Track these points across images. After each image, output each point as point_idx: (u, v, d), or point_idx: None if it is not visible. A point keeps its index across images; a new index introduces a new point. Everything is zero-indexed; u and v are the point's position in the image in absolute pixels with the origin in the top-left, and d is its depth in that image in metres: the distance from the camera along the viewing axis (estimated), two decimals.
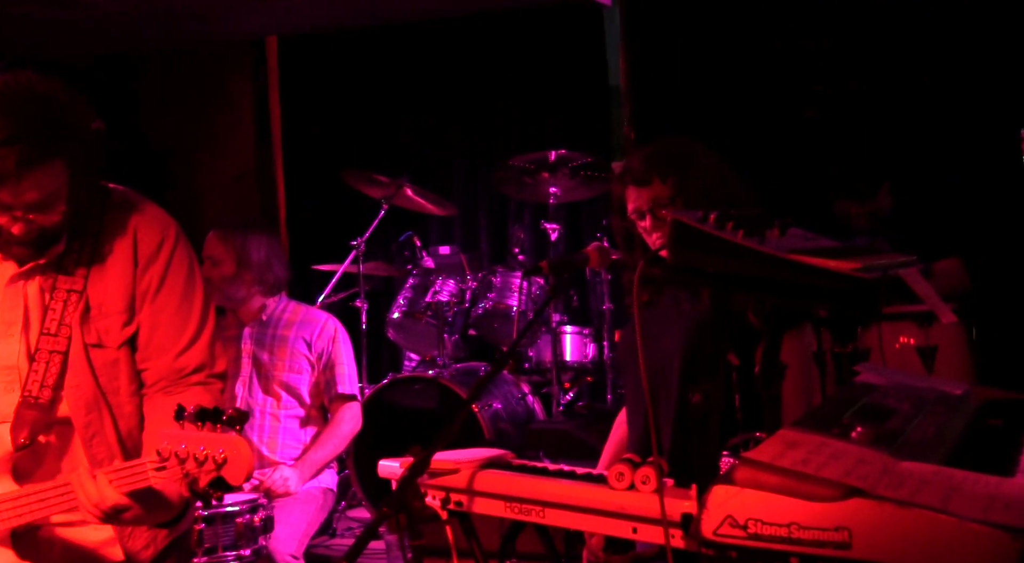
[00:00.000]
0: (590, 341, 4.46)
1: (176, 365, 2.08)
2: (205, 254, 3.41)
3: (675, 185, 2.36)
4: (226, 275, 3.40)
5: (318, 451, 3.40)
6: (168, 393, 2.07)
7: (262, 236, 3.47)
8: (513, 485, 2.06)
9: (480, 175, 5.81)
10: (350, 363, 3.54)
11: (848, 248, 1.80)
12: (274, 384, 3.44)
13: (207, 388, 2.12)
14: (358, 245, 4.55)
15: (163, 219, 2.14)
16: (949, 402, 1.95)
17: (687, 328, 2.46)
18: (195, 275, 2.15)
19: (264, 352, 3.46)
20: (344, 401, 3.50)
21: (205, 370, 2.13)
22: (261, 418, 3.43)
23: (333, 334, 3.52)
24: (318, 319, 3.54)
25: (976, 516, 1.27)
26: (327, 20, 5.70)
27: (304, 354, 3.47)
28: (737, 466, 1.41)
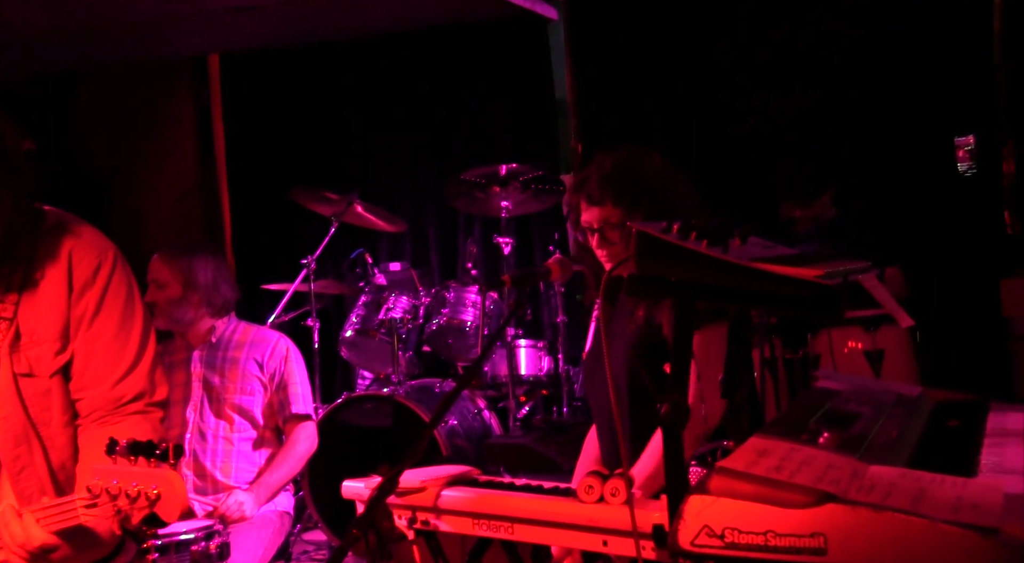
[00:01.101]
0: (545, 354, 4.47)
1: (113, 394, 2.02)
2: (150, 278, 3.35)
3: (627, 209, 2.38)
4: (172, 298, 3.34)
5: (273, 473, 3.35)
6: (104, 424, 2.00)
7: (208, 257, 3.41)
8: (480, 502, 2.05)
9: (429, 190, 5.80)
10: (303, 382, 3.48)
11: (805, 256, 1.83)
12: (226, 407, 3.38)
13: (146, 417, 2.06)
14: (309, 263, 4.50)
15: (100, 243, 2.07)
16: (906, 405, 1.99)
17: (628, 344, 2.50)
18: (134, 300, 2.09)
19: (215, 375, 3.40)
20: (298, 421, 3.45)
21: (144, 398, 2.07)
22: (214, 442, 3.36)
23: (285, 353, 3.47)
24: (269, 339, 3.49)
25: (947, 517, 1.29)
26: (270, 38, 5.65)
27: (256, 375, 3.42)
28: (712, 475, 1.42)
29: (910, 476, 1.45)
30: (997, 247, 4.60)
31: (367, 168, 5.91)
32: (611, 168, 2.43)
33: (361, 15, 5.17)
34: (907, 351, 3.88)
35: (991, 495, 1.37)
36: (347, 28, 5.45)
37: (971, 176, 4.63)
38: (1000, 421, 1.95)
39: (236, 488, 3.28)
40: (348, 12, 5.05)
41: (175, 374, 3.41)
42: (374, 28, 5.53)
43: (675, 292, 1.68)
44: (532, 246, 5.48)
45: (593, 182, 2.44)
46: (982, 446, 1.74)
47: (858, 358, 3.78)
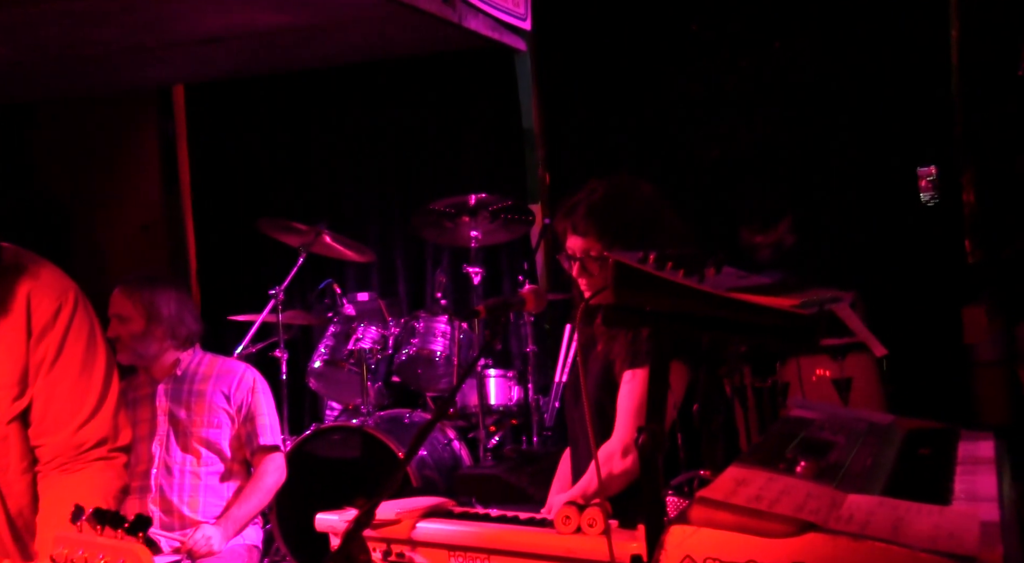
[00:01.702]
0: (514, 384, 4.45)
1: (74, 441, 1.97)
2: (112, 312, 3.29)
3: (610, 244, 2.40)
4: (135, 332, 3.29)
5: (242, 506, 3.30)
6: (65, 471, 1.95)
7: (170, 289, 3.38)
8: (456, 534, 2.04)
9: (396, 220, 5.79)
10: (271, 414, 3.44)
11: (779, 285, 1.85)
12: (193, 441, 3.33)
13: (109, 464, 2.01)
14: (277, 294, 4.47)
15: (60, 283, 2.02)
16: (878, 433, 2.01)
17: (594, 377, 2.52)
18: (96, 342, 2.04)
19: (181, 409, 3.35)
20: (266, 453, 3.41)
21: (107, 444, 2.02)
22: (180, 477, 3.30)
23: (252, 385, 3.43)
24: (236, 370, 3.45)
25: (926, 546, 1.30)
26: (235, 68, 5.63)
27: (223, 407, 3.38)
28: (692, 505, 1.42)
29: (887, 505, 1.46)
30: (958, 276, 4.68)
31: (334, 198, 5.89)
32: (599, 200, 2.44)
33: (329, 47, 5.18)
34: (874, 379, 3.93)
35: (968, 523, 1.38)
36: (315, 59, 5.45)
37: (933, 206, 4.72)
38: (971, 449, 1.98)
39: (203, 523, 3.23)
40: (316, 44, 5.05)
41: (140, 410, 3.36)
42: (342, 59, 5.54)
43: (652, 321, 1.69)
44: (501, 276, 5.49)
45: (580, 212, 2.45)
46: (955, 474, 1.77)
47: (826, 386, 3.81)
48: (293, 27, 4.64)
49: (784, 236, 4.43)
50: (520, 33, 5.13)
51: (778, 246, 4.42)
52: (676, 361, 2.37)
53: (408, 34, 4.86)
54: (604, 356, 2.47)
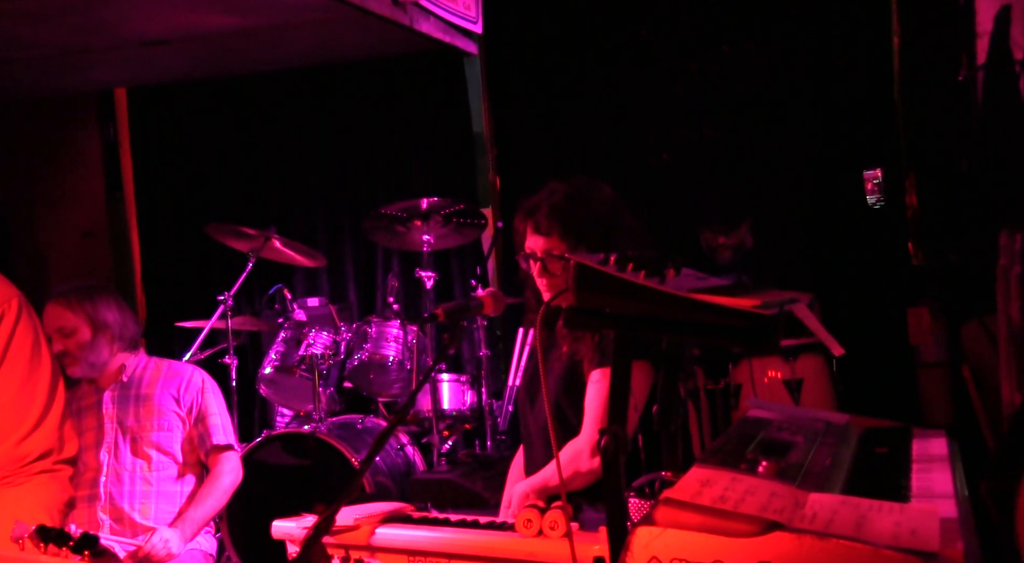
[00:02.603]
0: (468, 388, 4.44)
1: (17, 453, 1.91)
2: (52, 329, 3.17)
3: (572, 243, 2.40)
4: (84, 342, 3.21)
5: (198, 508, 3.24)
6: (8, 484, 1.89)
7: (107, 295, 3.33)
8: (416, 539, 2.02)
9: (345, 225, 5.74)
10: (223, 413, 3.40)
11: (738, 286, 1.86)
12: (143, 445, 3.27)
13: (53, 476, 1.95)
14: (225, 299, 4.40)
15: (3, 290, 1.97)
16: (836, 432, 2.03)
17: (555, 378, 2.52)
18: (40, 351, 1.98)
19: (129, 414, 3.29)
20: (220, 452, 3.36)
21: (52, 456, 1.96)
22: (131, 484, 3.23)
23: (201, 385, 3.39)
24: (183, 372, 3.41)
25: (889, 543, 1.32)
26: (182, 71, 5.54)
27: (173, 410, 3.32)
28: (658, 506, 1.42)
29: (849, 503, 1.47)
30: (904, 277, 4.76)
31: (282, 203, 5.81)
32: (561, 200, 2.45)
33: (276, 50, 5.12)
34: (824, 379, 3.98)
35: (928, 520, 1.40)
36: (264, 63, 5.38)
37: (880, 208, 4.79)
38: (924, 447, 2.01)
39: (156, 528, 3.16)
40: (263, 47, 4.99)
41: (85, 419, 3.28)
42: (291, 63, 5.47)
43: (614, 324, 1.69)
44: (452, 280, 5.46)
45: (542, 212, 2.45)
46: (911, 472, 1.79)
47: (778, 387, 3.85)
48: (242, 30, 4.58)
49: (745, 237, 4.48)
50: (471, 36, 5.12)
51: (739, 248, 4.46)
52: (641, 361, 2.38)
53: (359, 37, 4.82)
54: (568, 357, 2.46)
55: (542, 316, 1.72)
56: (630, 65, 5.15)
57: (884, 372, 4.66)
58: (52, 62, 5.01)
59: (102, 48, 4.79)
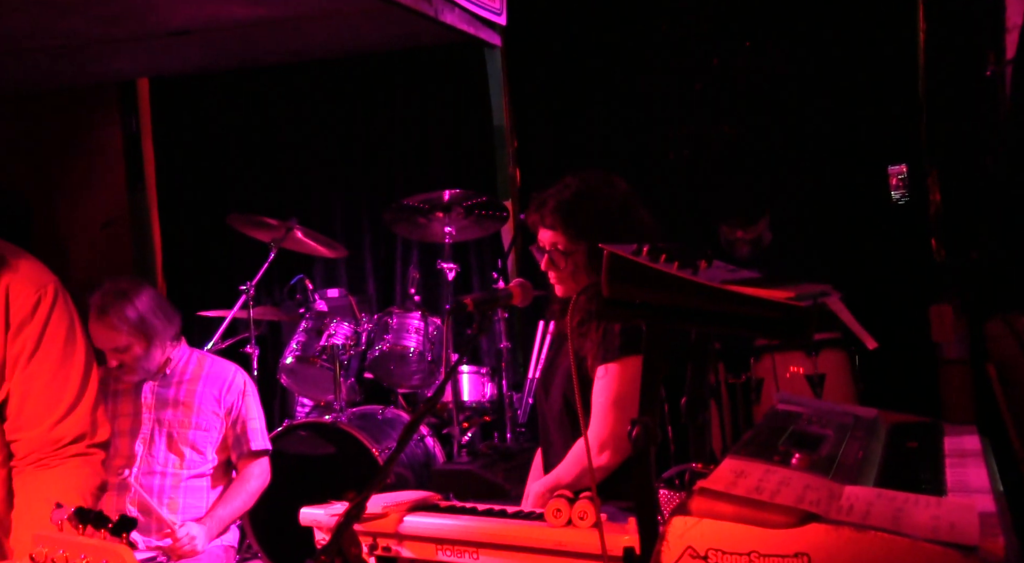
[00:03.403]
0: (488, 380, 4.44)
1: (51, 436, 1.93)
2: (107, 348, 3.16)
3: (575, 239, 2.42)
4: (139, 355, 3.20)
5: (226, 507, 3.25)
6: (42, 466, 1.91)
7: (143, 294, 3.25)
8: (444, 527, 2.02)
9: (365, 216, 5.74)
10: (261, 417, 3.41)
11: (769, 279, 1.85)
12: (178, 442, 3.25)
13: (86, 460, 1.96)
14: (247, 289, 4.41)
15: (40, 276, 1.98)
16: (865, 426, 2.02)
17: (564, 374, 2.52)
18: (76, 336, 1.99)
19: (167, 408, 3.27)
20: (255, 457, 3.37)
21: (85, 440, 1.98)
22: (162, 478, 3.23)
23: (243, 388, 3.37)
24: (226, 372, 3.39)
25: (928, 536, 1.31)
26: (202, 61, 5.55)
27: (212, 410, 3.30)
28: (693, 496, 1.42)
29: (885, 496, 1.47)
30: (927, 274, 4.73)
31: (303, 193, 5.83)
32: (570, 196, 2.45)
33: (298, 41, 5.12)
34: (846, 375, 3.96)
35: (967, 514, 1.39)
36: (288, 54, 5.39)
37: (904, 204, 4.77)
38: (957, 443, 2.00)
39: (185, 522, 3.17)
40: (286, 38, 4.99)
41: (121, 403, 3.27)
42: (315, 54, 5.48)
43: (647, 314, 1.68)
44: (471, 273, 5.47)
45: (549, 207, 2.46)
46: (945, 466, 1.78)
47: (800, 382, 3.84)
48: (265, 20, 4.58)
49: (763, 233, 4.46)
50: (495, 28, 5.11)
51: (757, 242, 4.45)
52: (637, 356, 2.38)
53: (382, 28, 4.82)
54: (575, 352, 2.46)
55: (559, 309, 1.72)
56: (651, 60, 5.14)
57: (906, 369, 4.64)
58: (76, 52, 5.03)
59: (126, 38, 4.80)
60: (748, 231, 4.39)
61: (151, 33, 4.75)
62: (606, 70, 5.22)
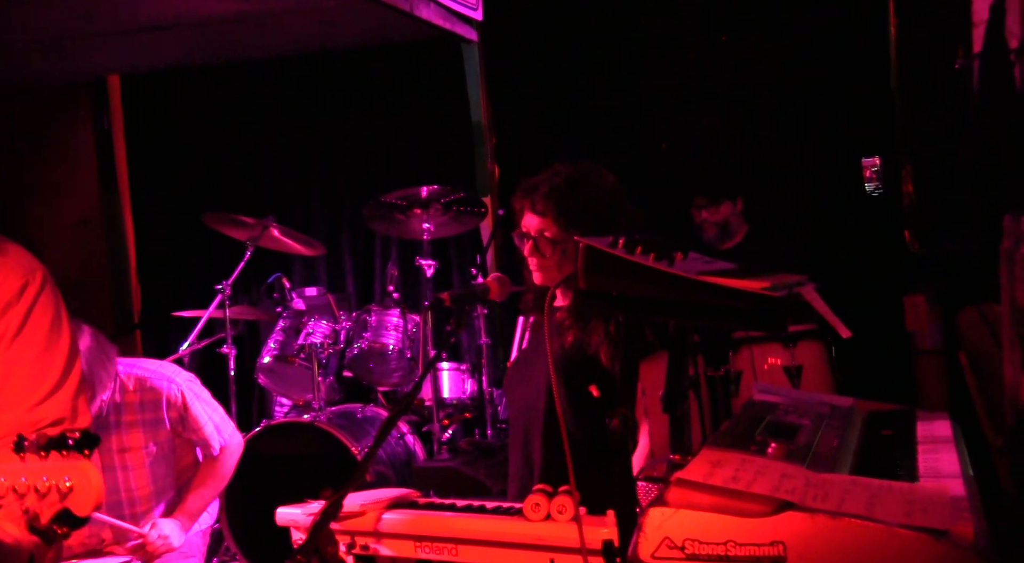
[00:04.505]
0: (468, 376, 4.44)
1: (30, 418, 1.92)
2: None
3: (565, 227, 2.39)
4: None
5: (197, 498, 3.15)
6: None
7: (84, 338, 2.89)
8: (422, 524, 2.02)
9: (343, 213, 5.73)
10: (211, 416, 3.19)
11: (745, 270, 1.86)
12: (135, 470, 3.08)
13: None
14: (223, 289, 4.38)
15: (28, 262, 1.99)
16: (841, 415, 2.04)
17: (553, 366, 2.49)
18: (61, 322, 1.99)
19: (112, 455, 3.04)
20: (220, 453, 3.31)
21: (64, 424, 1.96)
22: (130, 507, 3.11)
23: (182, 399, 3.11)
24: (159, 389, 3.07)
25: (901, 521, 1.32)
26: (176, 58, 5.50)
27: (162, 432, 3.11)
28: (670, 487, 1.43)
29: (860, 483, 1.48)
30: (901, 265, 4.77)
31: (280, 191, 5.79)
32: (562, 182, 2.43)
33: (275, 36, 5.09)
34: (823, 366, 3.99)
35: (938, 499, 1.41)
36: (264, 49, 5.35)
37: (878, 196, 4.80)
38: (929, 429, 2.02)
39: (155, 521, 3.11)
40: (262, 33, 4.96)
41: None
42: (291, 50, 5.45)
43: (623, 307, 1.69)
44: (451, 269, 5.46)
45: (540, 192, 2.44)
46: (917, 453, 1.80)
47: (778, 374, 3.86)
48: (241, 15, 4.54)
49: (730, 218, 4.49)
50: (471, 23, 5.10)
51: (724, 227, 4.48)
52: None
53: (359, 23, 4.79)
54: (572, 344, 2.43)
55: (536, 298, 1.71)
56: (629, 54, 5.15)
57: (881, 359, 4.68)
58: (47, 48, 4.97)
59: (98, 33, 4.75)
60: (711, 213, 4.44)
61: (125, 28, 4.70)
62: (584, 65, 5.22)
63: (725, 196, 4.47)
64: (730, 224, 4.49)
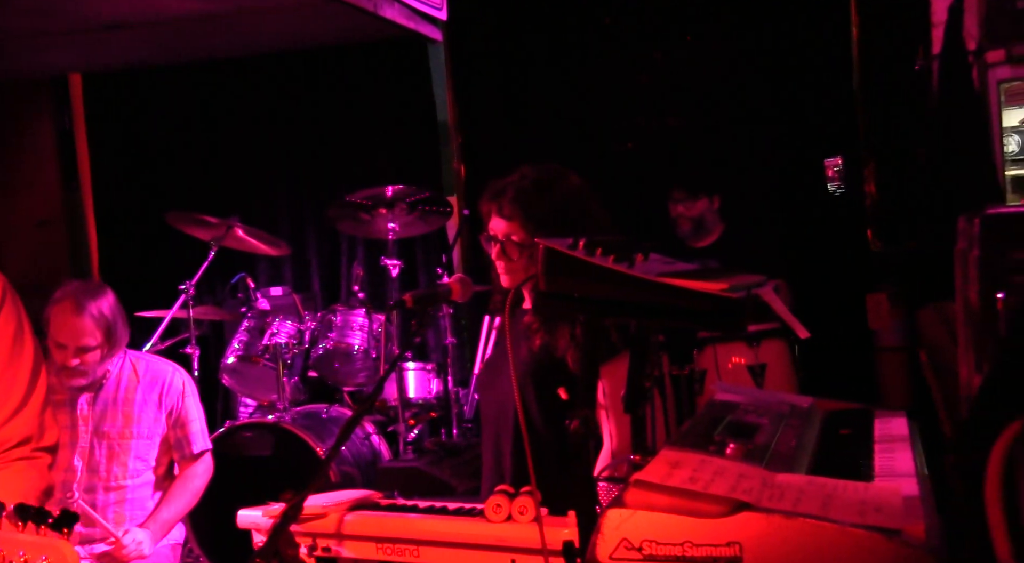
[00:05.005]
0: (434, 376, 4.43)
1: None
2: (71, 343, 3.01)
3: (534, 231, 2.38)
4: (97, 360, 3.07)
5: (170, 509, 3.19)
6: None
7: (112, 298, 3.13)
8: (384, 526, 2.01)
9: (309, 213, 5.70)
10: (201, 418, 3.33)
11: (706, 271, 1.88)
12: (120, 454, 3.15)
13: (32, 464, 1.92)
14: (187, 289, 4.34)
15: None
16: (800, 414, 2.06)
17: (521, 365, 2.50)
18: (24, 337, 1.95)
19: (106, 420, 3.16)
20: (197, 458, 3.32)
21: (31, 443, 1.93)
22: (105, 493, 3.14)
23: (182, 389, 3.27)
24: (164, 373, 3.27)
25: (854, 521, 1.34)
26: (138, 57, 5.45)
27: (153, 416, 3.22)
28: (628, 488, 1.43)
29: (816, 483, 1.50)
30: (863, 263, 4.82)
31: (245, 191, 5.76)
32: (529, 186, 2.42)
33: (238, 36, 5.06)
34: (786, 364, 4.03)
35: (891, 498, 1.42)
36: (226, 49, 5.31)
37: (839, 195, 4.85)
38: (886, 427, 2.04)
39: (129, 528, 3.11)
40: (225, 33, 4.93)
41: (59, 414, 3.17)
42: (251, 49, 5.41)
43: (583, 308, 1.70)
44: (417, 268, 5.45)
45: (508, 196, 2.43)
46: (874, 452, 1.82)
47: (742, 372, 3.89)
48: (204, 14, 4.51)
49: (706, 214, 4.49)
50: (436, 23, 5.09)
51: (699, 223, 4.49)
52: None
53: (321, 23, 4.78)
54: (541, 346, 2.43)
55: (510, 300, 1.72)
56: (595, 53, 5.17)
57: (844, 357, 4.73)
58: (4, 45, 4.90)
59: (58, 31, 4.70)
60: (688, 207, 4.45)
61: (86, 26, 4.65)
62: (550, 64, 5.23)
63: (703, 192, 4.48)
64: (705, 221, 4.50)
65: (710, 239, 4.53)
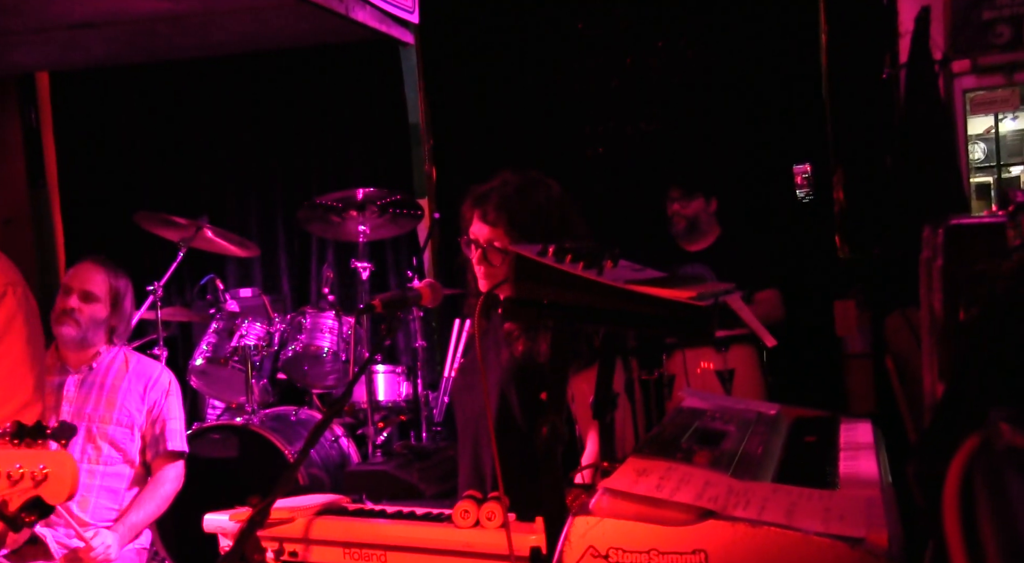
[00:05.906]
0: (403, 379, 4.42)
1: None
2: (79, 286, 3.18)
3: (517, 236, 2.38)
4: (97, 317, 3.21)
5: (139, 513, 3.21)
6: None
7: (131, 287, 3.33)
8: (351, 531, 2.01)
9: (279, 214, 5.67)
10: (181, 419, 3.40)
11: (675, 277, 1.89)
12: (97, 437, 3.22)
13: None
14: (155, 290, 4.30)
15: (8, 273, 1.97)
16: (767, 422, 2.08)
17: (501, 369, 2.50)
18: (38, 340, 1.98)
19: (89, 402, 3.24)
20: (171, 459, 3.34)
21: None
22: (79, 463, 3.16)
23: (167, 387, 3.37)
24: (151, 369, 3.40)
25: (818, 529, 1.35)
26: (107, 56, 5.39)
27: (135, 406, 3.29)
28: (595, 496, 1.44)
29: (781, 491, 1.51)
30: (831, 270, 4.86)
31: (214, 192, 5.72)
32: (513, 192, 2.43)
33: (211, 36, 5.02)
34: (755, 370, 4.06)
35: (854, 506, 1.44)
36: (196, 48, 5.27)
37: (808, 202, 4.89)
38: (851, 435, 2.06)
39: (93, 525, 3.12)
40: (194, 33, 4.89)
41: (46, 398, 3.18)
42: (222, 50, 5.37)
43: (552, 314, 1.70)
44: (387, 271, 5.44)
45: (492, 202, 2.43)
46: (839, 460, 1.84)
47: (710, 378, 3.92)
48: (172, 14, 4.48)
49: (701, 215, 4.50)
50: (407, 26, 5.08)
51: (693, 223, 4.50)
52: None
53: (292, 24, 4.75)
54: (523, 350, 2.42)
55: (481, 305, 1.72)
56: (567, 58, 5.18)
57: (812, 363, 4.77)
58: None
59: (24, 30, 4.65)
60: (684, 206, 4.47)
61: (52, 25, 4.61)
62: (521, 68, 5.24)
63: (700, 192, 4.49)
64: (700, 222, 4.50)
65: (704, 243, 4.53)
